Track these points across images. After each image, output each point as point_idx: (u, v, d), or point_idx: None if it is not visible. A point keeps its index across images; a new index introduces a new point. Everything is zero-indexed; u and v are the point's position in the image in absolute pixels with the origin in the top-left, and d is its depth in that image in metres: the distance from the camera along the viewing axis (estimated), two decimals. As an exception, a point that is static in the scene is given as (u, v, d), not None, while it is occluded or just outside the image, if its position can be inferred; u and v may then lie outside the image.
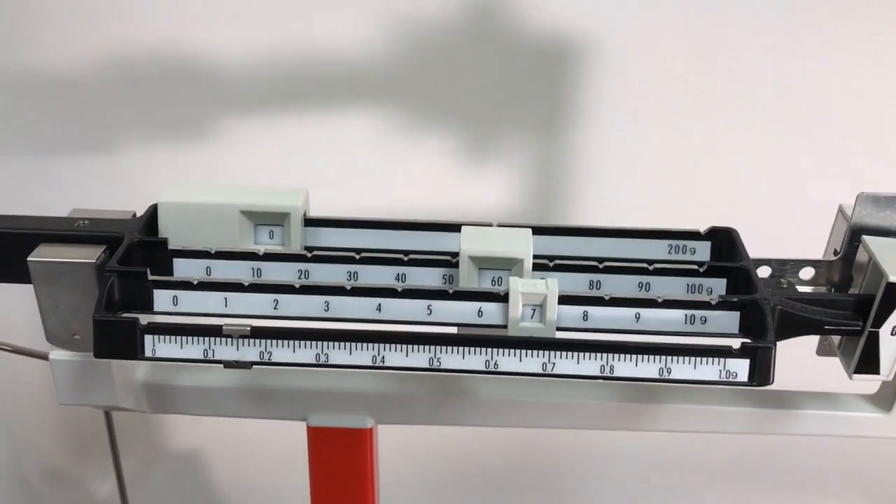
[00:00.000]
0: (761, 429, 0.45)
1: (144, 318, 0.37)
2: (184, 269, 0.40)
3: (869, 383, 0.41)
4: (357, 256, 0.39)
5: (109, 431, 0.51)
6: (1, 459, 0.83)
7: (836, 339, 0.42)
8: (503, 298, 0.37)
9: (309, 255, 0.39)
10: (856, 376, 0.40)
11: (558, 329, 0.37)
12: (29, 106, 0.72)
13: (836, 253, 0.43)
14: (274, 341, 0.37)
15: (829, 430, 0.45)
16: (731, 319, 0.37)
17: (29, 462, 0.83)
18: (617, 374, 0.36)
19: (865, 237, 0.41)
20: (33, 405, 0.80)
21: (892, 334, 0.38)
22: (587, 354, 0.36)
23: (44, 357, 0.43)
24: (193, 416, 0.46)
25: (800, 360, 0.44)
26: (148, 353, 0.37)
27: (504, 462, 0.83)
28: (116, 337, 0.36)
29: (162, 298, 0.37)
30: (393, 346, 0.37)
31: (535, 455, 0.83)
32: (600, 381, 0.37)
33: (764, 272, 0.42)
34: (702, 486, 0.83)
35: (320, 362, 0.37)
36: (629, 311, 0.37)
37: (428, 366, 0.37)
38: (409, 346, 0.37)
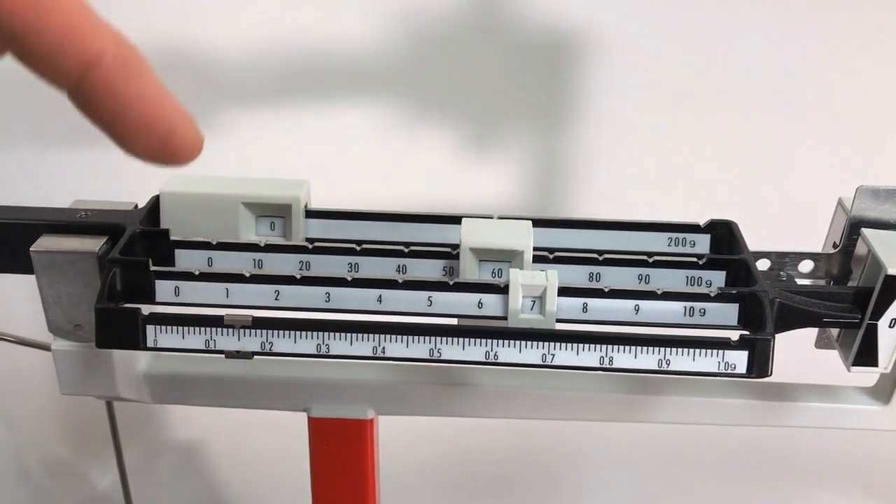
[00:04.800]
0: (759, 421, 0.45)
1: (146, 309, 0.37)
2: (185, 259, 0.40)
3: (867, 376, 0.41)
4: (358, 248, 0.40)
5: (111, 422, 0.51)
6: (2, 450, 0.83)
7: (834, 331, 0.42)
8: (503, 290, 0.37)
9: (310, 246, 0.40)
10: (854, 368, 0.40)
11: (558, 321, 0.37)
12: (30, 97, 0.72)
13: (835, 246, 0.43)
14: (275, 332, 0.37)
15: (828, 423, 0.45)
16: (730, 311, 0.37)
17: (30, 453, 0.83)
18: (616, 365, 0.37)
19: (865, 230, 0.41)
20: (35, 396, 0.80)
21: (890, 327, 0.38)
22: (586, 346, 0.36)
23: (46, 347, 0.43)
24: (195, 407, 0.46)
25: (798, 352, 0.44)
26: (150, 344, 0.37)
27: (503, 453, 0.83)
28: (118, 327, 0.36)
29: (164, 289, 0.37)
30: (393, 336, 0.37)
31: (534, 446, 0.84)
32: (599, 372, 0.37)
33: (763, 265, 0.42)
34: (700, 477, 0.83)
35: (321, 353, 0.37)
36: (629, 303, 0.37)
37: (428, 357, 0.37)
38: (410, 338, 0.37)
